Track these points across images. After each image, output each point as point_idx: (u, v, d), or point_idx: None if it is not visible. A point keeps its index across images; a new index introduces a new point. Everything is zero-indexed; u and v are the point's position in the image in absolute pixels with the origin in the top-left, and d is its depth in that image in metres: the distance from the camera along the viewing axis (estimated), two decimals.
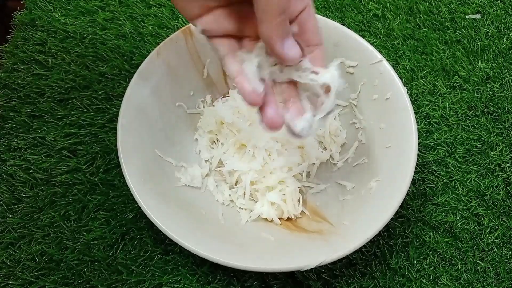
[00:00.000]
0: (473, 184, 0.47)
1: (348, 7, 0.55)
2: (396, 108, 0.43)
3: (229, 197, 0.45)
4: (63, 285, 0.42)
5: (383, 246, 0.44)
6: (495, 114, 0.50)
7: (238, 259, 0.36)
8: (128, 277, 0.42)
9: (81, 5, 0.55)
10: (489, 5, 0.56)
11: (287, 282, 0.42)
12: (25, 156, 0.47)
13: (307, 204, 0.45)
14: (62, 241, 0.43)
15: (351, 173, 0.45)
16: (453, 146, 0.49)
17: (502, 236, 0.45)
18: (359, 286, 0.43)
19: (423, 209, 0.46)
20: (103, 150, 0.47)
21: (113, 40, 0.52)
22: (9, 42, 0.52)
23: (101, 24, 0.53)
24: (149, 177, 0.41)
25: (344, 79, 0.46)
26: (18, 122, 0.48)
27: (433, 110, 0.50)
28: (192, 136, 0.48)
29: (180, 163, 0.45)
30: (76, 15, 0.54)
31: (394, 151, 0.42)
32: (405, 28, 0.54)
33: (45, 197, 0.45)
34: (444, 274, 0.44)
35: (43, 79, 0.50)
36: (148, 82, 0.43)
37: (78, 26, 0.53)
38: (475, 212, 0.46)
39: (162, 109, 0.44)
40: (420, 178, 0.47)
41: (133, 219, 0.44)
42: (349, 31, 0.45)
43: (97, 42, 0.52)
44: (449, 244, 0.45)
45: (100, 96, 0.49)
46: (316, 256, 0.37)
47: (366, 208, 0.41)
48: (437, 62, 0.52)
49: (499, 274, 0.44)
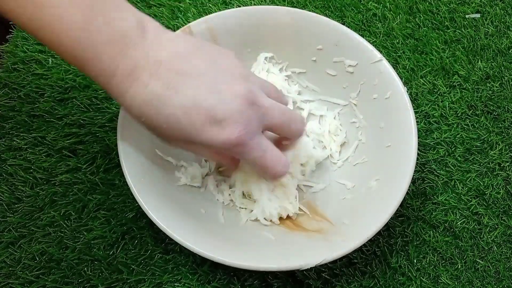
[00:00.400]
0: (473, 183, 0.47)
1: (348, 6, 0.55)
2: (396, 107, 0.43)
3: (229, 196, 0.45)
4: (64, 284, 0.42)
5: (383, 245, 0.44)
6: (494, 113, 0.50)
7: (239, 258, 0.36)
8: (128, 276, 0.42)
9: None
10: (489, 5, 0.56)
11: (287, 281, 0.42)
12: (25, 156, 0.47)
13: (307, 203, 0.45)
14: (62, 241, 0.43)
15: (351, 172, 0.45)
16: (453, 145, 0.49)
17: (502, 235, 0.45)
18: (359, 285, 0.43)
19: (423, 208, 0.46)
20: (104, 150, 0.47)
21: None
22: (9, 42, 0.52)
23: None
24: (149, 177, 0.41)
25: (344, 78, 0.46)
26: (18, 121, 0.48)
27: (433, 109, 0.50)
28: None
29: (180, 163, 0.45)
30: None
31: (394, 150, 0.42)
32: (404, 28, 0.54)
33: (45, 196, 0.45)
34: (444, 273, 0.44)
35: (43, 79, 0.50)
36: None
37: None
38: (475, 211, 0.46)
39: None
40: (420, 177, 0.47)
41: (134, 218, 0.44)
42: (349, 31, 0.45)
43: None
44: (449, 243, 0.45)
45: (100, 96, 0.49)
46: (316, 255, 0.37)
47: (366, 207, 0.41)
48: (436, 61, 0.52)
49: (499, 273, 0.44)
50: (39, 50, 0.52)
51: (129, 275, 0.42)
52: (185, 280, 0.42)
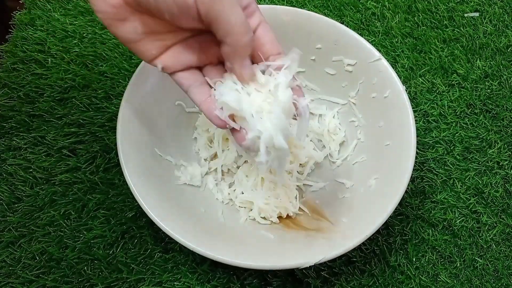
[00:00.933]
0: (471, 181, 0.47)
1: (347, 5, 0.56)
2: (395, 106, 0.43)
3: (228, 195, 0.45)
4: (64, 283, 0.42)
5: (382, 243, 0.44)
6: (493, 112, 0.50)
7: (238, 257, 0.36)
8: (128, 275, 0.42)
9: (80, 4, 0.55)
10: (487, 3, 0.56)
11: (286, 279, 0.43)
12: (25, 155, 0.47)
13: (306, 202, 0.45)
14: (62, 240, 0.43)
15: (350, 171, 0.46)
16: (451, 144, 0.49)
17: (500, 233, 0.45)
18: (359, 284, 0.43)
19: (422, 207, 0.46)
20: (103, 149, 0.47)
21: (113, 39, 0.52)
22: (8, 42, 0.52)
23: (101, 23, 0.53)
24: (149, 176, 0.41)
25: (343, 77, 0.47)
26: (18, 121, 0.48)
27: (431, 108, 0.50)
28: (191, 135, 0.48)
29: (180, 162, 0.45)
30: (76, 14, 0.54)
31: (393, 149, 0.42)
32: (403, 27, 0.54)
33: (45, 196, 0.45)
34: (443, 271, 0.44)
35: (42, 79, 0.50)
36: (147, 81, 0.43)
37: (78, 25, 0.53)
38: (474, 209, 0.46)
39: (162, 108, 0.45)
40: (419, 176, 0.47)
41: (133, 217, 0.44)
42: (348, 30, 0.45)
43: (96, 41, 0.52)
44: (448, 242, 0.45)
45: (99, 95, 0.49)
46: (315, 254, 0.37)
47: (365, 206, 0.41)
48: (435, 60, 0.53)
49: (498, 271, 0.44)
50: (39, 50, 0.52)
51: (129, 274, 0.42)
52: (185, 279, 0.42)
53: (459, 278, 0.44)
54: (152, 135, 0.43)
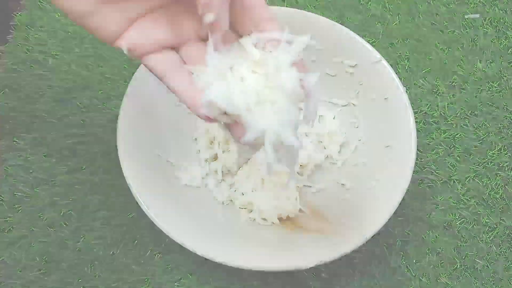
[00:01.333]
0: (472, 183, 0.47)
1: (347, 7, 0.56)
2: (395, 107, 0.43)
3: (229, 196, 0.45)
4: (64, 284, 0.42)
5: (383, 245, 0.44)
6: (493, 114, 0.50)
7: (238, 259, 0.36)
8: (128, 276, 0.42)
9: None
10: (488, 5, 0.56)
11: (286, 281, 0.43)
12: (26, 156, 0.47)
13: (306, 204, 0.45)
14: (62, 241, 0.43)
15: (350, 172, 0.46)
16: (452, 145, 0.49)
17: (501, 235, 0.45)
18: (359, 285, 0.43)
19: (422, 208, 0.46)
20: (103, 150, 0.47)
21: None
22: (9, 42, 0.52)
23: None
24: (149, 177, 0.41)
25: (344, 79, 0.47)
26: (18, 122, 0.48)
27: (432, 109, 0.50)
28: (191, 135, 0.48)
29: (180, 163, 0.45)
30: None
31: (393, 151, 0.42)
32: (404, 28, 0.54)
33: (45, 196, 0.45)
34: (443, 273, 0.44)
35: (43, 79, 0.50)
36: (148, 82, 0.43)
37: (78, 26, 0.53)
38: (474, 211, 0.46)
39: (162, 109, 0.45)
40: (419, 178, 0.47)
41: (134, 218, 0.44)
42: (348, 31, 0.45)
43: (97, 42, 0.52)
44: (448, 243, 0.45)
45: (100, 96, 0.49)
46: (315, 255, 0.37)
47: (365, 207, 0.41)
48: (436, 62, 0.53)
49: (498, 273, 0.44)
50: (39, 50, 0.52)
51: (129, 275, 0.42)
52: (185, 280, 0.42)
53: (460, 280, 0.44)
54: (152, 136, 0.43)
